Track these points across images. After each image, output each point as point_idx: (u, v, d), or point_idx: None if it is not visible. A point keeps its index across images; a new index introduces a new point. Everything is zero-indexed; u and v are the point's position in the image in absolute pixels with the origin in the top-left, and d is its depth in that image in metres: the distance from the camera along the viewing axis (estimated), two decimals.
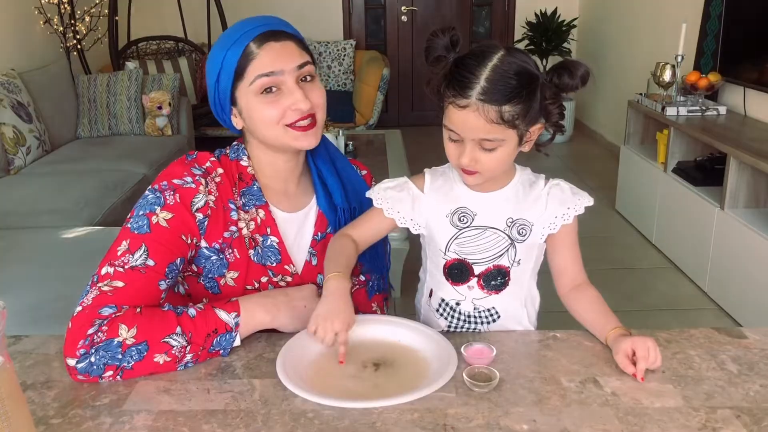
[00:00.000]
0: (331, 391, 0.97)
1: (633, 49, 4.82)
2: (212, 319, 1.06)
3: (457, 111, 1.04)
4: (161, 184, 1.13)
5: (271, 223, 1.21)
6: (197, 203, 1.13)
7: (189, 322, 1.05)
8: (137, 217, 1.11)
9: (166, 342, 1.02)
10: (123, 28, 5.01)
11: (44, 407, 0.95)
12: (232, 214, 1.17)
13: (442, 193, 1.18)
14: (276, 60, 1.12)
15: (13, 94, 3.61)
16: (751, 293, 2.60)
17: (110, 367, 1.00)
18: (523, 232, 1.15)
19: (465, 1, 6.14)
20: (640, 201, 3.68)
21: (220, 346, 1.06)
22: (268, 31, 1.13)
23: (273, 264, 1.21)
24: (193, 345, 1.04)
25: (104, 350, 1.00)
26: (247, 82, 1.12)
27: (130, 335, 1.01)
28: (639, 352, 1.00)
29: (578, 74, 1.03)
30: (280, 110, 1.13)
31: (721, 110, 3.34)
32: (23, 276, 2.22)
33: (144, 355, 1.01)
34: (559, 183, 1.17)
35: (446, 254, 1.17)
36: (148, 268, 1.07)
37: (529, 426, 0.90)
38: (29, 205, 3.00)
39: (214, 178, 1.17)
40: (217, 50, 1.14)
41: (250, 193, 1.20)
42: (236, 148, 1.23)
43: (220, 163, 1.20)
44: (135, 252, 1.07)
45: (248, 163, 1.22)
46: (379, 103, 5.44)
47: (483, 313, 1.19)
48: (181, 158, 1.19)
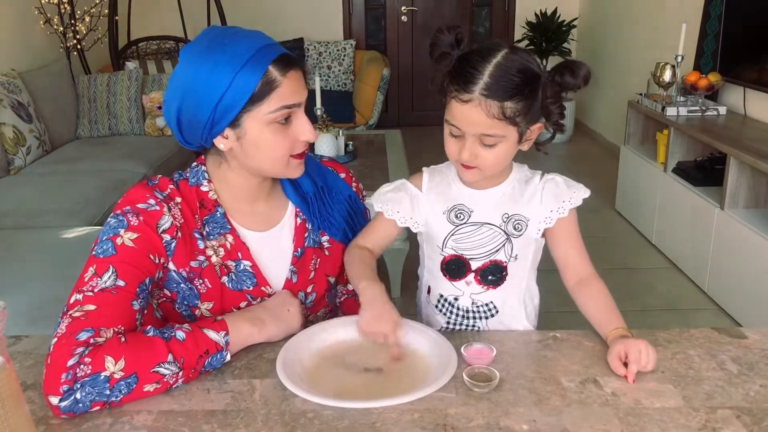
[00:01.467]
0: (331, 391, 0.97)
1: (633, 49, 4.82)
2: (203, 341, 1.01)
3: (459, 105, 1.05)
4: (123, 209, 1.09)
5: (241, 247, 1.17)
6: (163, 225, 1.09)
7: (179, 346, 0.99)
8: (101, 242, 1.06)
9: (157, 371, 0.96)
10: (123, 28, 5.01)
11: (44, 407, 0.95)
12: (199, 243, 1.14)
13: (440, 190, 1.19)
14: (298, 90, 1.09)
15: (13, 94, 3.61)
16: (751, 293, 2.60)
17: (97, 403, 0.93)
18: (519, 228, 1.16)
19: (465, 1, 6.14)
20: (640, 201, 3.68)
21: (211, 366, 1.03)
22: (282, 55, 1.07)
23: (250, 288, 1.17)
24: (186, 369, 0.99)
25: (90, 386, 0.92)
26: (266, 109, 1.07)
27: (117, 368, 0.93)
28: (631, 355, 1.01)
29: (580, 74, 1.05)
30: (289, 141, 1.11)
31: (721, 110, 3.34)
32: (23, 276, 2.22)
33: (133, 387, 0.94)
34: (554, 177, 1.18)
35: (443, 251, 1.18)
36: (118, 289, 1.02)
37: (529, 426, 0.90)
38: (29, 205, 3.00)
39: (178, 204, 1.13)
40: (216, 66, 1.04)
41: (213, 221, 1.16)
42: (195, 172, 1.18)
43: (179, 191, 1.15)
44: (103, 275, 1.02)
45: (209, 188, 1.16)
46: (379, 103, 5.44)
47: (481, 308, 1.20)
48: (143, 182, 1.14)
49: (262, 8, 5.88)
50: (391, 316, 1.06)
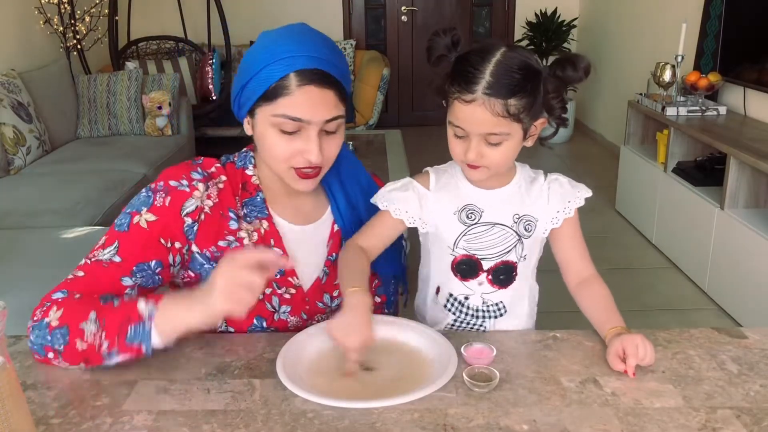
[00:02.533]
0: (331, 391, 0.97)
1: (633, 49, 4.82)
2: (129, 308, 1.00)
3: (463, 106, 1.05)
4: (157, 184, 1.13)
5: (274, 234, 1.19)
6: (188, 207, 1.12)
7: (108, 310, 1.00)
8: (123, 214, 1.12)
9: (82, 329, 0.99)
10: (123, 28, 5.01)
11: (44, 407, 0.95)
12: (231, 223, 1.16)
13: (449, 190, 1.18)
14: (309, 108, 1.07)
15: (13, 94, 3.61)
16: (751, 293, 2.60)
17: (47, 348, 1.01)
18: (529, 228, 1.16)
19: (465, 1, 6.14)
20: (640, 201, 3.68)
21: (136, 339, 0.98)
22: (315, 70, 1.06)
23: (276, 276, 1.18)
24: (107, 332, 0.98)
25: (38, 329, 1.02)
26: (270, 111, 1.08)
27: (55, 317, 1.02)
28: (628, 350, 1.01)
29: (581, 66, 1.05)
30: (290, 151, 1.10)
31: (721, 110, 3.34)
32: (23, 276, 2.22)
33: (67, 339, 1.00)
34: (557, 178, 1.19)
35: (454, 251, 1.17)
36: (111, 264, 1.08)
37: (529, 426, 0.90)
38: (29, 205, 2.99)
39: (217, 184, 1.16)
40: (261, 54, 1.08)
41: (252, 204, 1.19)
42: (244, 156, 1.21)
43: (225, 170, 1.19)
44: (107, 247, 1.10)
45: (254, 173, 1.20)
46: (379, 103, 5.43)
47: (491, 307, 1.20)
48: (187, 161, 1.18)
49: (262, 8, 5.88)
50: (363, 331, 1.01)
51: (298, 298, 1.21)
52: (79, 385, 1.01)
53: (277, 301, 1.20)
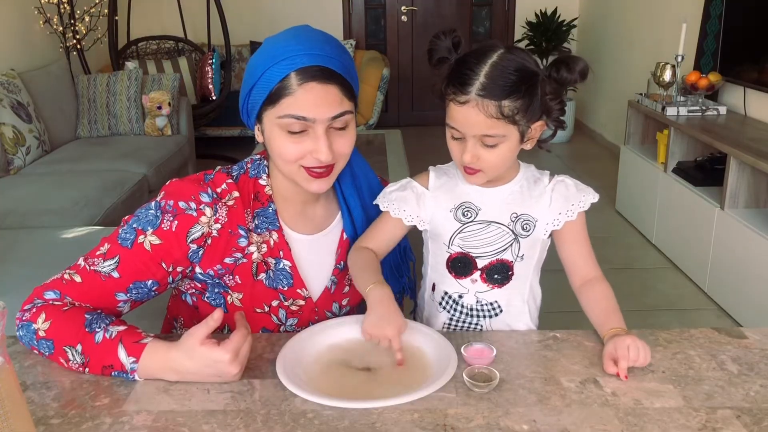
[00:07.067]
0: (331, 391, 0.97)
1: (633, 49, 4.82)
2: (112, 355, 1.00)
3: (457, 107, 1.06)
4: (167, 203, 1.10)
5: (283, 246, 1.18)
6: (193, 234, 1.10)
7: (90, 345, 1.01)
8: (130, 227, 1.10)
9: (66, 351, 1.02)
10: (123, 28, 5.01)
11: (44, 407, 0.95)
12: (240, 240, 1.14)
13: (447, 189, 1.19)
14: (312, 106, 1.05)
15: (13, 94, 3.61)
16: (751, 293, 2.60)
17: (34, 348, 1.05)
18: (527, 228, 1.16)
19: (465, 1, 6.14)
20: (640, 201, 3.68)
21: (122, 377, 1.01)
22: (316, 67, 1.05)
23: (285, 288, 1.18)
24: (91, 368, 1.02)
25: (25, 330, 1.05)
26: (275, 113, 1.07)
27: (43, 327, 1.03)
28: (618, 352, 1.01)
29: (577, 69, 1.05)
30: (300, 151, 1.08)
31: (721, 110, 3.34)
32: (23, 276, 2.22)
33: (52, 352, 1.03)
34: (564, 179, 1.18)
35: (450, 248, 1.18)
36: (109, 278, 1.08)
37: (529, 426, 0.90)
38: (29, 205, 2.99)
39: (227, 202, 1.13)
40: (262, 58, 1.07)
41: (264, 215, 1.17)
42: (258, 164, 1.19)
43: (237, 184, 1.16)
44: (107, 260, 1.09)
45: (267, 183, 1.18)
46: (379, 103, 5.44)
47: (486, 306, 1.20)
48: (199, 176, 1.15)
49: (262, 8, 5.88)
50: (396, 320, 1.04)
51: (307, 308, 1.21)
52: (79, 385, 1.01)
53: (284, 313, 1.20)
